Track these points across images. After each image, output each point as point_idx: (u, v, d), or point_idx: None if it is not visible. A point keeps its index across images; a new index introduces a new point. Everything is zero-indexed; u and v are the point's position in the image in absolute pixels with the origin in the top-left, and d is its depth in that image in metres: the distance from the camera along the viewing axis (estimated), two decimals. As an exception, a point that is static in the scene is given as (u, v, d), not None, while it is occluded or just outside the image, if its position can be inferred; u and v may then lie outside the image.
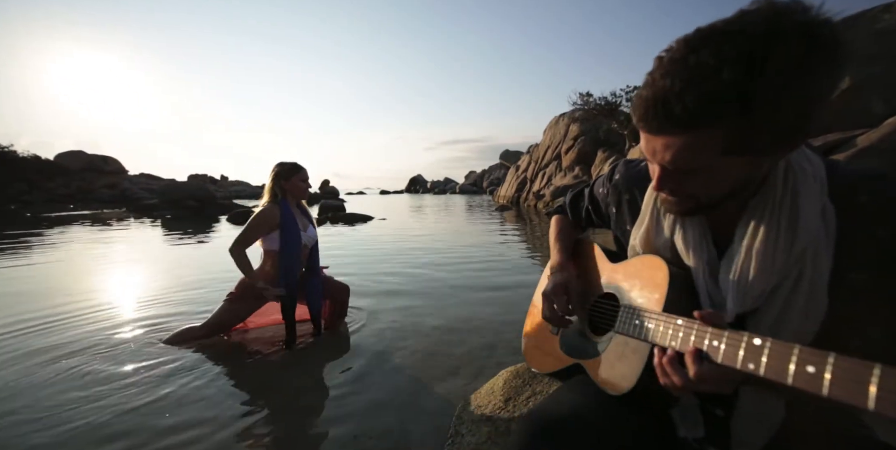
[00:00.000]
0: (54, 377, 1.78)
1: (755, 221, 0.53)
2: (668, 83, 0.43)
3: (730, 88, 0.40)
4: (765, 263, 0.51)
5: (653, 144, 0.49)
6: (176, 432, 1.38)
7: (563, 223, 0.92)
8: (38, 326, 2.44)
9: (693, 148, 0.46)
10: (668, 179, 0.52)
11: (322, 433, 1.38)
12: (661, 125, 0.46)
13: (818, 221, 0.49)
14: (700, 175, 0.49)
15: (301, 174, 2.10)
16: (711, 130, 0.44)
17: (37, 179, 21.97)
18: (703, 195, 0.52)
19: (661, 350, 0.52)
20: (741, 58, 0.40)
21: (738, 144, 0.44)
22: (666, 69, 0.44)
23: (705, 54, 0.41)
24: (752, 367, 0.41)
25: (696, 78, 0.42)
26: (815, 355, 0.37)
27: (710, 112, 0.42)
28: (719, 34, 0.42)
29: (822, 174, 0.52)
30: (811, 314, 0.50)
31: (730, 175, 0.49)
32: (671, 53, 0.45)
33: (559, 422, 0.58)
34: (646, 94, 0.46)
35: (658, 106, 0.45)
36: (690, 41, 0.43)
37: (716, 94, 0.41)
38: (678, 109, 0.43)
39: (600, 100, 13.92)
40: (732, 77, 0.40)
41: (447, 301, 2.90)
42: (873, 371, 0.33)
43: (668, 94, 0.43)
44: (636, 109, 0.48)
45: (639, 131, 0.52)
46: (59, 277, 3.85)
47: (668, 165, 0.49)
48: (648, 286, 0.62)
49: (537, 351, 0.85)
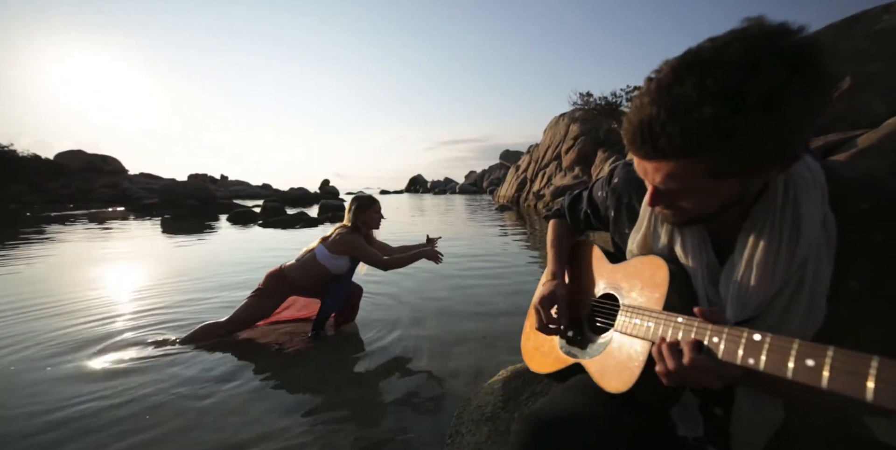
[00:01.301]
0: (69, 374, 1.78)
1: (756, 232, 0.53)
2: (653, 111, 0.45)
3: (710, 124, 0.42)
4: (765, 274, 0.52)
5: (643, 165, 0.51)
6: (167, 433, 1.38)
7: (560, 228, 0.92)
8: (41, 315, 2.44)
9: (681, 174, 0.47)
10: (659, 198, 0.53)
11: (322, 434, 1.38)
12: (648, 153, 0.48)
13: (819, 229, 0.50)
14: (691, 195, 0.51)
15: (375, 206, 2.28)
16: (696, 159, 0.45)
17: (37, 178, 21.96)
18: (698, 211, 0.53)
19: (660, 339, 0.53)
20: (721, 93, 0.40)
21: (725, 169, 0.46)
22: (653, 97, 0.45)
23: (689, 86, 0.42)
24: (752, 362, 0.41)
25: (679, 111, 0.43)
26: (813, 348, 0.37)
27: (693, 145, 0.44)
28: (702, 64, 0.42)
29: (822, 181, 0.52)
30: (809, 320, 0.50)
31: (721, 194, 0.50)
32: (658, 79, 0.45)
33: (559, 421, 0.58)
34: (634, 120, 0.47)
35: (645, 134, 0.46)
36: (677, 69, 0.44)
37: (697, 129, 0.42)
38: (662, 141, 0.45)
39: (600, 100, 13.92)
40: (712, 113, 0.41)
41: (447, 301, 2.90)
42: (871, 363, 0.33)
43: (654, 123, 0.45)
44: (626, 133, 0.50)
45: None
46: (59, 278, 3.85)
47: (659, 186, 0.51)
48: (649, 286, 0.62)
49: (537, 352, 0.85)
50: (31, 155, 24.26)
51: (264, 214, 10.73)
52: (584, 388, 0.66)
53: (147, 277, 3.78)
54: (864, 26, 5.28)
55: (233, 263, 4.37)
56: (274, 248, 5.66)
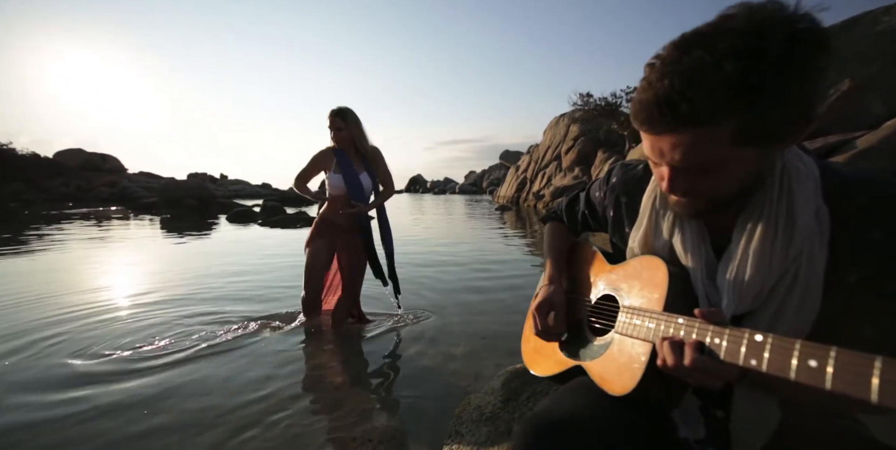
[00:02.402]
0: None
1: (752, 223, 0.53)
2: (667, 83, 0.44)
3: (736, 79, 0.41)
4: (761, 264, 0.51)
5: (659, 145, 0.48)
6: (157, 430, 1.38)
7: (558, 231, 0.92)
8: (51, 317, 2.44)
9: (702, 143, 0.45)
10: (679, 180, 0.51)
11: (320, 434, 1.38)
12: (669, 124, 0.45)
13: (813, 221, 0.50)
14: (711, 171, 0.48)
15: (330, 122, 2.17)
16: (720, 124, 0.44)
17: (35, 177, 21.94)
18: (717, 192, 0.51)
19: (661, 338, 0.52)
20: (740, 51, 0.40)
21: (747, 134, 0.44)
22: (661, 72, 0.44)
23: (699, 53, 0.42)
24: (754, 363, 0.41)
25: (697, 74, 0.42)
26: (816, 349, 0.37)
27: (719, 106, 0.42)
28: (708, 35, 0.43)
29: (815, 174, 0.52)
30: (804, 313, 0.50)
31: (741, 169, 0.48)
32: (662, 58, 0.45)
33: (561, 423, 0.58)
34: (646, 97, 0.46)
35: (662, 106, 0.44)
36: (679, 44, 0.44)
37: (722, 87, 0.41)
38: (684, 107, 0.43)
39: (600, 100, 13.92)
40: (736, 68, 0.40)
41: (446, 302, 2.90)
42: (875, 363, 0.33)
43: (671, 94, 0.43)
44: (638, 114, 0.48)
45: (640, 135, 0.51)
46: (61, 278, 3.84)
47: (679, 164, 0.49)
48: (648, 286, 0.62)
49: (537, 355, 0.85)
50: (30, 153, 24.25)
51: (264, 214, 10.73)
52: (585, 389, 0.65)
53: (158, 277, 3.77)
54: (865, 28, 5.29)
55: (237, 261, 4.37)
56: (273, 253, 5.65)
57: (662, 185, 0.53)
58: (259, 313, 2.60)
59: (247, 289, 3.23)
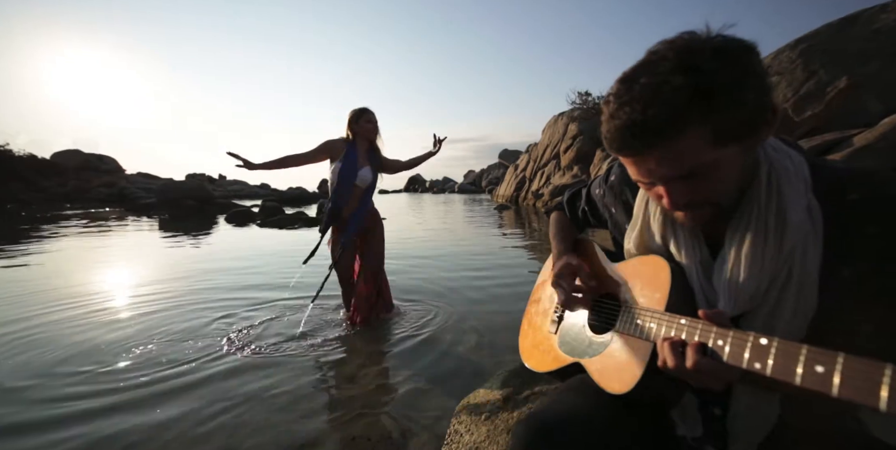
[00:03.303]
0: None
1: (744, 224, 0.53)
2: (627, 110, 0.47)
3: (686, 88, 0.44)
4: (755, 264, 0.52)
5: (645, 165, 0.50)
6: (157, 428, 1.38)
7: (563, 220, 0.92)
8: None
9: (684, 152, 0.47)
10: (678, 193, 0.51)
11: (319, 434, 1.38)
12: (646, 142, 0.48)
13: (805, 218, 0.50)
14: (705, 175, 0.49)
15: (366, 116, 2.36)
16: (690, 129, 0.46)
17: (33, 178, 21.84)
18: (718, 195, 0.52)
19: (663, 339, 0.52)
20: (680, 68, 0.45)
21: (721, 133, 0.46)
22: (619, 103, 0.48)
23: (645, 79, 0.47)
24: (758, 366, 0.41)
25: (652, 94, 0.46)
26: (823, 355, 0.36)
27: (680, 115, 0.45)
28: (646, 66, 0.48)
29: (804, 172, 0.52)
30: (800, 311, 0.50)
31: (732, 168, 0.49)
32: (614, 94, 0.49)
33: (559, 422, 0.58)
34: (613, 126, 0.49)
35: (633, 129, 0.47)
36: (624, 80, 0.49)
37: (678, 98, 0.45)
38: (651, 124, 0.46)
39: (599, 99, 13.93)
40: (683, 80, 0.45)
41: (445, 300, 2.90)
42: (885, 371, 0.32)
43: (635, 117, 0.47)
44: (613, 143, 0.50)
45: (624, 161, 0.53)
46: (61, 280, 3.83)
47: (672, 174, 0.49)
48: (650, 285, 0.61)
49: (535, 350, 0.85)
50: (27, 154, 24.12)
51: (262, 214, 10.71)
52: (584, 388, 0.65)
53: (154, 281, 3.76)
54: (861, 26, 5.30)
55: (239, 261, 4.36)
56: (277, 252, 5.63)
57: (663, 203, 0.54)
58: (256, 312, 2.60)
59: (251, 285, 3.22)
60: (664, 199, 0.53)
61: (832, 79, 4.99)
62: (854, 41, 5.18)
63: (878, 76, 4.79)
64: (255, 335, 2.26)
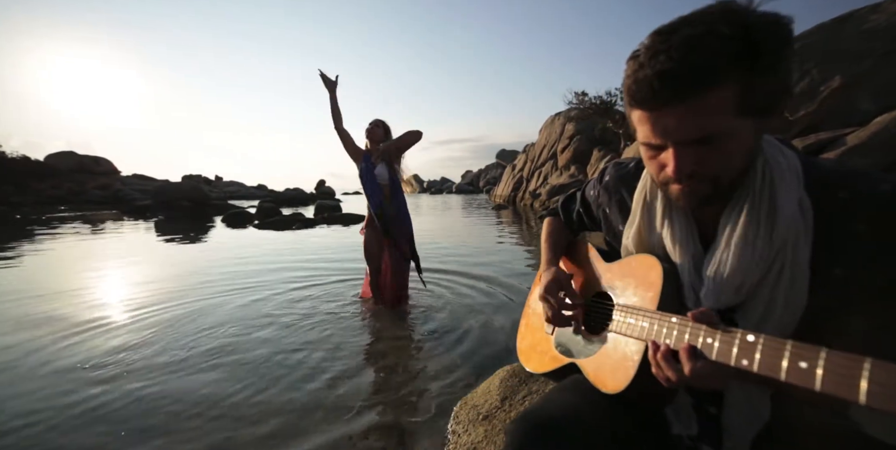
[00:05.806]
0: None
1: (736, 213, 0.53)
2: (663, 58, 0.44)
3: (736, 39, 0.42)
4: (744, 255, 0.52)
5: (664, 122, 0.47)
6: (145, 430, 1.37)
7: (555, 225, 0.92)
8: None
9: (709, 111, 0.45)
10: (686, 158, 0.49)
11: (316, 434, 1.37)
12: (675, 94, 0.45)
13: (796, 212, 0.50)
14: (716, 144, 0.48)
15: (371, 123, 2.73)
16: (724, 88, 0.44)
17: (26, 180, 21.66)
18: (722, 169, 0.50)
19: (654, 344, 0.53)
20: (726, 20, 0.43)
21: (749, 100, 0.45)
22: (653, 52, 0.45)
23: (687, 30, 0.43)
24: (745, 363, 0.42)
25: (695, 42, 0.43)
26: (807, 350, 0.37)
27: (722, 67, 0.43)
28: (688, 20, 0.44)
29: (797, 167, 0.52)
30: (790, 307, 0.50)
31: (743, 143, 0.48)
32: (647, 45, 0.46)
33: (553, 422, 0.58)
34: (642, 75, 0.46)
35: (665, 79, 0.44)
36: (662, 31, 0.46)
37: (725, 48, 0.42)
38: (687, 73, 0.43)
39: (596, 99, 13.97)
40: (734, 30, 0.42)
41: (443, 300, 2.90)
42: (864, 365, 0.33)
43: (671, 65, 0.44)
44: (637, 92, 0.47)
45: (637, 120, 0.50)
46: (60, 280, 3.80)
47: (686, 137, 0.48)
48: (643, 285, 0.62)
49: (533, 351, 0.85)
50: (20, 156, 23.93)
51: (259, 215, 10.67)
52: (578, 387, 0.66)
53: (153, 284, 3.74)
54: (853, 26, 5.35)
55: (241, 260, 4.34)
56: (278, 253, 5.61)
57: (667, 170, 0.51)
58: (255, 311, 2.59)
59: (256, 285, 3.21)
60: (669, 166, 0.50)
61: (825, 78, 5.03)
62: (847, 41, 5.23)
63: (871, 76, 4.84)
64: (249, 333, 2.25)
